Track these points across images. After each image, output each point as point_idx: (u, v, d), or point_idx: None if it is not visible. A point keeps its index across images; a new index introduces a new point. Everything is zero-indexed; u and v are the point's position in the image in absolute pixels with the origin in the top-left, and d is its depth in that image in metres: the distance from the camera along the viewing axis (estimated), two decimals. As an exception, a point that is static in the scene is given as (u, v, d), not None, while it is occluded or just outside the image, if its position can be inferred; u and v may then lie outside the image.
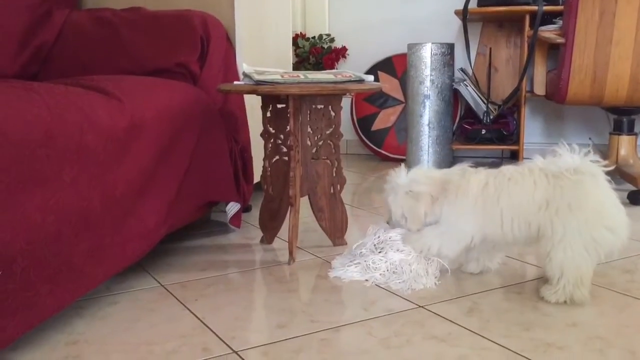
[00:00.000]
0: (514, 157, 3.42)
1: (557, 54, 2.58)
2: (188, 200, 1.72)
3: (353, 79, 1.71)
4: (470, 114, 3.40)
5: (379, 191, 2.61)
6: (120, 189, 1.38)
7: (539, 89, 2.91)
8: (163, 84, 1.72)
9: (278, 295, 1.48)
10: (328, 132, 1.81)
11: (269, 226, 1.89)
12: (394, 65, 3.65)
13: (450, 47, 3.27)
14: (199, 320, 1.33)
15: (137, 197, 1.46)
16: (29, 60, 2.06)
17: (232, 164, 1.94)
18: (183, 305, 1.42)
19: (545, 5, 2.91)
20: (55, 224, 1.15)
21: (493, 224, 1.45)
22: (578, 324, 1.29)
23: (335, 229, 1.86)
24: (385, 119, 3.65)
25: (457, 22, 3.47)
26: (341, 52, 3.79)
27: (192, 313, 1.37)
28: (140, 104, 1.50)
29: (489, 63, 3.40)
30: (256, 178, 2.16)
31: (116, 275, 1.55)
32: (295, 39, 3.78)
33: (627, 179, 2.49)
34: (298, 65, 3.77)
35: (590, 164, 1.41)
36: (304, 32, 3.85)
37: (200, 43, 1.98)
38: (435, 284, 1.52)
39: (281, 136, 1.79)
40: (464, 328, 1.28)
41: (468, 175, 1.50)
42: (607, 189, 1.41)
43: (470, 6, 3.14)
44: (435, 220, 1.53)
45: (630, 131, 2.62)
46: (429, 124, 3.27)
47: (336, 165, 1.82)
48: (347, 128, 3.58)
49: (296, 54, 3.79)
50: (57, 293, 1.17)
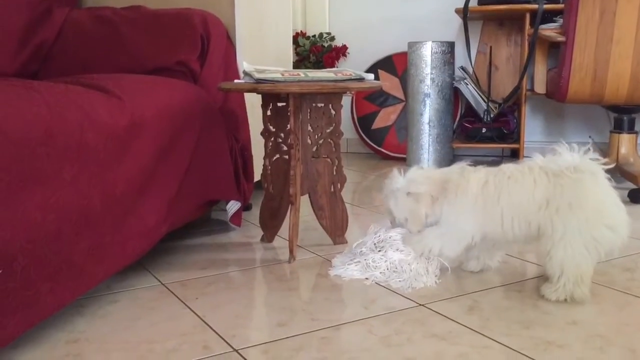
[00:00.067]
0: (515, 156, 3.42)
1: (558, 52, 2.58)
2: (188, 198, 1.72)
3: (353, 78, 1.71)
4: (470, 112, 3.40)
5: (379, 190, 2.61)
6: (121, 187, 1.38)
7: (540, 87, 2.91)
8: (163, 82, 1.72)
9: (278, 294, 1.48)
10: (328, 131, 1.81)
11: (270, 225, 1.89)
12: (395, 64, 3.64)
13: (451, 46, 3.27)
14: (200, 318, 1.34)
15: (138, 196, 1.46)
16: (29, 58, 2.06)
17: (233, 162, 1.94)
18: (183, 303, 1.42)
19: (545, 3, 2.90)
20: (56, 223, 1.15)
21: (493, 223, 1.45)
22: (578, 322, 1.29)
23: (335, 228, 1.86)
24: (385, 117, 3.65)
25: (458, 21, 3.47)
26: (341, 51, 3.79)
27: (193, 311, 1.37)
28: (140, 102, 1.50)
29: (490, 61, 3.40)
30: (256, 177, 2.16)
31: (116, 274, 1.55)
32: (296, 38, 3.77)
33: (628, 177, 2.49)
34: (298, 64, 3.77)
35: (590, 162, 1.40)
36: (304, 31, 3.85)
37: (201, 41, 1.98)
38: (436, 282, 1.52)
39: (281, 135, 1.79)
40: (464, 326, 1.28)
41: (467, 174, 1.50)
42: (607, 187, 1.40)
43: (470, 4, 3.14)
44: (436, 221, 1.53)
45: (631, 129, 2.62)
46: (429, 123, 3.27)
47: (336, 163, 1.82)
48: (348, 126, 3.58)
49: (296, 53, 3.79)
50: (58, 291, 1.17)
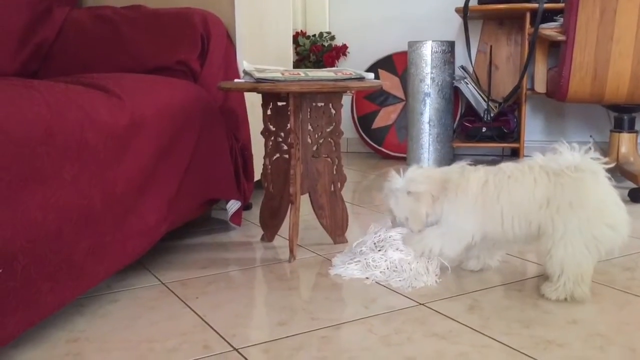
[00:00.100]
0: (515, 155, 3.42)
1: (558, 51, 2.58)
2: (188, 197, 1.72)
3: (353, 77, 1.71)
4: (470, 111, 3.40)
5: (379, 189, 2.61)
6: (121, 186, 1.38)
7: (540, 86, 2.91)
8: (163, 81, 1.72)
9: (278, 293, 1.48)
10: (328, 130, 1.81)
11: (270, 224, 1.89)
12: (395, 63, 3.64)
13: (451, 45, 3.27)
14: (200, 317, 1.34)
15: (138, 195, 1.46)
16: (29, 57, 2.06)
17: (233, 161, 1.94)
18: (184, 302, 1.42)
19: (546, 2, 2.90)
20: (56, 222, 1.15)
21: (493, 222, 1.45)
22: (578, 322, 1.29)
23: (335, 227, 1.86)
24: (385, 116, 3.65)
25: (458, 20, 3.47)
26: (342, 50, 3.78)
27: (193, 311, 1.37)
28: (140, 101, 1.50)
29: (490, 61, 3.40)
30: (257, 176, 2.16)
31: (117, 273, 1.55)
32: (296, 37, 3.77)
33: (628, 176, 2.49)
34: (298, 63, 3.77)
35: (591, 161, 1.40)
36: (304, 30, 3.85)
37: (201, 41, 1.98)
38: (436, 281, 1.52)
39: (282, 134, 1.79)
40: (464, 325, 1.28)
41: (467, 173, 1.50)
42: (608, 187, 1.40)
43: (470, 4, 3.14)
44: (437, 220, 1.53)
45: (631, 129, 2.62)
46: (429, 122, 3.27)
47: (336, 163, 1.82)
48: (348, 126, 3.58)
49: (297, 52, 3.79)
50: (58, 291, 1.17)
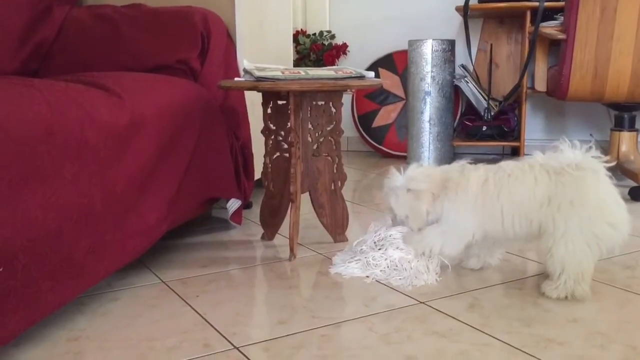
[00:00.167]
0: (515, 154, 3.42)
1: (558, 50, 2.58)
2: (189, 196, 1.72)
3: (354, 76, 1.71)
4: (471, 110, 3.40)
5: (379, 188, 2.61)
6: (121, 185, 1.38)
7: (540, 85, 2.90)
8: (163, 80, 1.72)
9: (279, 292, 1.48)
10: (329, 129, 1.81)
11: (270, 223, 1.89)
12: (395, 62, 3.64)
13: (451, 44, 3.26)
14: (200, 316, 1.34)
15: (138, 194, 1.46)
16: (29, 56, 2.06)
17: (233, 160, 1.94)
18: (184, 301, 1.42)
19: (546, 1, 2.90)
20: (56, 221, 1.15)
21: (493, 221, 1.45)
22: (579, 320, 1.29)
23: (336, 226, 1.86)
24: (385, 115, 3.65)
25: (458, 19, 3.47)
26: (342, 49, 3.78)
27: (193, 309, 1.37)
28: (140, 100, 1.50)
29: (490, 59, 3.40)
30: (257, 175, 2.16)
31: (117, 272, 1.55)
32: (296, 36, 3.77)
33: (628, 175, 2.49)
34: (299, 62, 3.77)
35: (592, 159, 1.40)
36: (304, 29, 3.85)
37: (201, 39, 1.98)
38: (436, 280, 1.52)
39: (282, 133, 1.79)
40: (464, 324, 1.28)
41: (467, 172, 1.50)
42: (609, 185, 1.40)
43: (471, 2, 3.13)
44: (437, 218, 1.53)
45: (632, 127, 2.62)
46: (429, 121, 3.27)
47: (337, 161, 1.82)
48: (348, 125, 3.58)
49: (297, 51, 3.79)
50: (58, 289, 1.17)
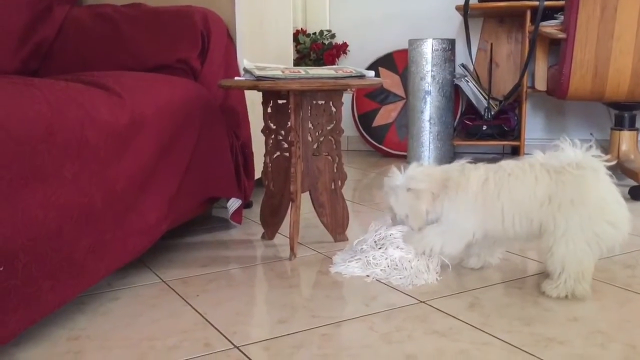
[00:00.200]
0: (515, 153, 3.42)
1: (559, 49, 2.58)
2: (189, 196, 1.72)
3: (354, 75, 1.71)
4: (471, 109, 3.39)
5: (379, 187, 2.61)
6: (121, 184, 1.38)
7: (540, 84, 2.90)
8: (164, 79, 1.72)
9: (279, 291, 1.48)
10: (329, 128, 1.81)
11: (270, 222, 1.89)
12: (395, 61, 3.64)
13: (451, 43, 3.26)
14: (201, 315, 1.34)
15: (138, 193, 1.46)
16: (29, 56, 2.06)
17: (233, 159, 1.94)
18: (184, 300, 1.42)
19: (546, 0, 2.90)
20: (57, 220, 1.15)
21: (494, 220, 1.45)
22: (579, 319, 1.29)
23: (336, 225, 1.86)
24: (386, 115, 3.65)
25: (458, 18, 3.46)
26: (342, 48, 3.78)
27: (194, 308, 1.38)
28: (140, 100, 1.50)
29: (490, 59, 3.40)
30: (257, 174, 2.16)
31: (117, 271, 1.55)
32: (296, 35, 3.77)
33: (629, 174, 2.49)
34: (299, 62, 3.77)
35: (592, 158, 1.40)
36: (304, 28, 3.84)
37: (201, 39, 1.98)
38: (437, 279, 1.52)
39: (282, 132, 1.79)
40: (465, 323, 1.28)
41: (467, 171, 1.50)
42: (609, 184, 1.40)
43: (471, 1, 3.13)
44: (437, 218, 1.53)
45: (632, 126, 2.62)
46: (429, 120, 3.27)
47: (337, 161, 1.82)
48: (348, 124, 3.58)
49: (297, 50, 3.79)
50: (59, 289, 1.17)
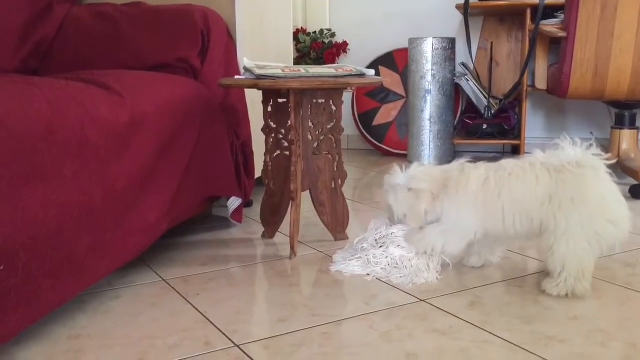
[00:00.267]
0: (516, 152, 3.41)
1: (559, 48, 2.57)
2: (189, 195, 1.72)
3: (354, 74, 1.71)
4: (471, 108, 3.39)
5: (380, 186, 2.61)
6: (122, 183, 1.38)
7: (541, 83, 2.90)
8: (164, 78, 1.72)
9: (279, 290, 1.48)
10: (329, 127, 1.81)
11: (270, 221, 1.89)
12: (395, 60, 3.64)
13: (452, 42, 3.26)
14: (201, 314, 1.34)
15: (138, 192, 1.46)
16: (29, 55, 2.06)
17: (234, 158, 1.94)
18: (185, 299, 1.42)
19: (546, -1, 2.90)
20: (57, 219, 1.15)
21: (494, 220, 1.45)
22: (579, 317, 1.29)
23: (336, 224, 1.86)
24: (386, 113, 3.65)
25: (459, 17, 3.46)
26: (342, 47, 3.78)
27: (194, 307, 1.38)
28: (141, 98, 1.50)
29: (491, 57, 3.39)
30: (257, 173, 2.16)
31: (118, 270, 1.55)
32: (296, 34, 3.77)
33: (629, 173, 2.49)
34: (299, 60, 3.77)
35: (592, 157, 1.40)
36: (304, 27, 3.84)
37: (201, 38, 1.98)
38: (437, 278, 1.52)
39: (282, 131, 1.79)
40: (465, 322, 1.28)
41: (467, 171, 1.50)
42: (609, 183, 1.40)
43: (471, 0, 3.13)
44: (437, 218, 1.52)
45: (632, 125, 2.62)
46: (430, 119, 3.27)
47: (337, 159, 1.82)
48: (348, 123, 3.58)
49: (297, 49, 3.79)
50: (59, 287, 1.17)
